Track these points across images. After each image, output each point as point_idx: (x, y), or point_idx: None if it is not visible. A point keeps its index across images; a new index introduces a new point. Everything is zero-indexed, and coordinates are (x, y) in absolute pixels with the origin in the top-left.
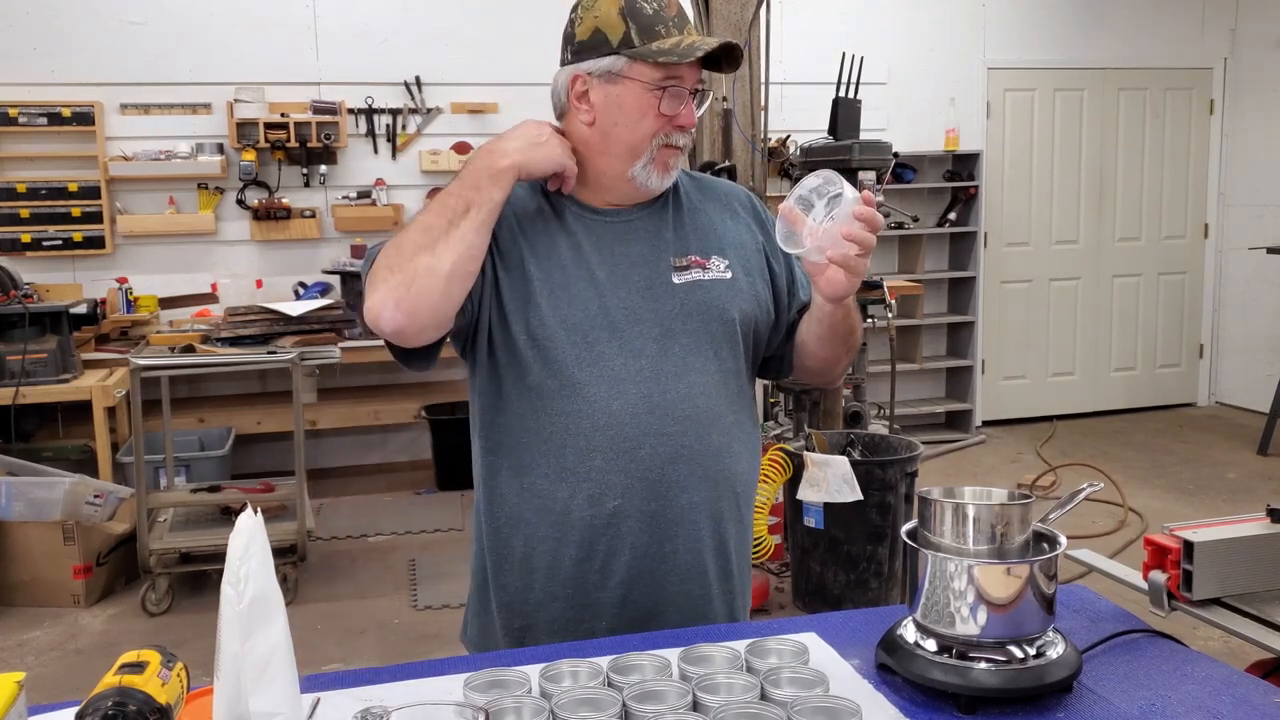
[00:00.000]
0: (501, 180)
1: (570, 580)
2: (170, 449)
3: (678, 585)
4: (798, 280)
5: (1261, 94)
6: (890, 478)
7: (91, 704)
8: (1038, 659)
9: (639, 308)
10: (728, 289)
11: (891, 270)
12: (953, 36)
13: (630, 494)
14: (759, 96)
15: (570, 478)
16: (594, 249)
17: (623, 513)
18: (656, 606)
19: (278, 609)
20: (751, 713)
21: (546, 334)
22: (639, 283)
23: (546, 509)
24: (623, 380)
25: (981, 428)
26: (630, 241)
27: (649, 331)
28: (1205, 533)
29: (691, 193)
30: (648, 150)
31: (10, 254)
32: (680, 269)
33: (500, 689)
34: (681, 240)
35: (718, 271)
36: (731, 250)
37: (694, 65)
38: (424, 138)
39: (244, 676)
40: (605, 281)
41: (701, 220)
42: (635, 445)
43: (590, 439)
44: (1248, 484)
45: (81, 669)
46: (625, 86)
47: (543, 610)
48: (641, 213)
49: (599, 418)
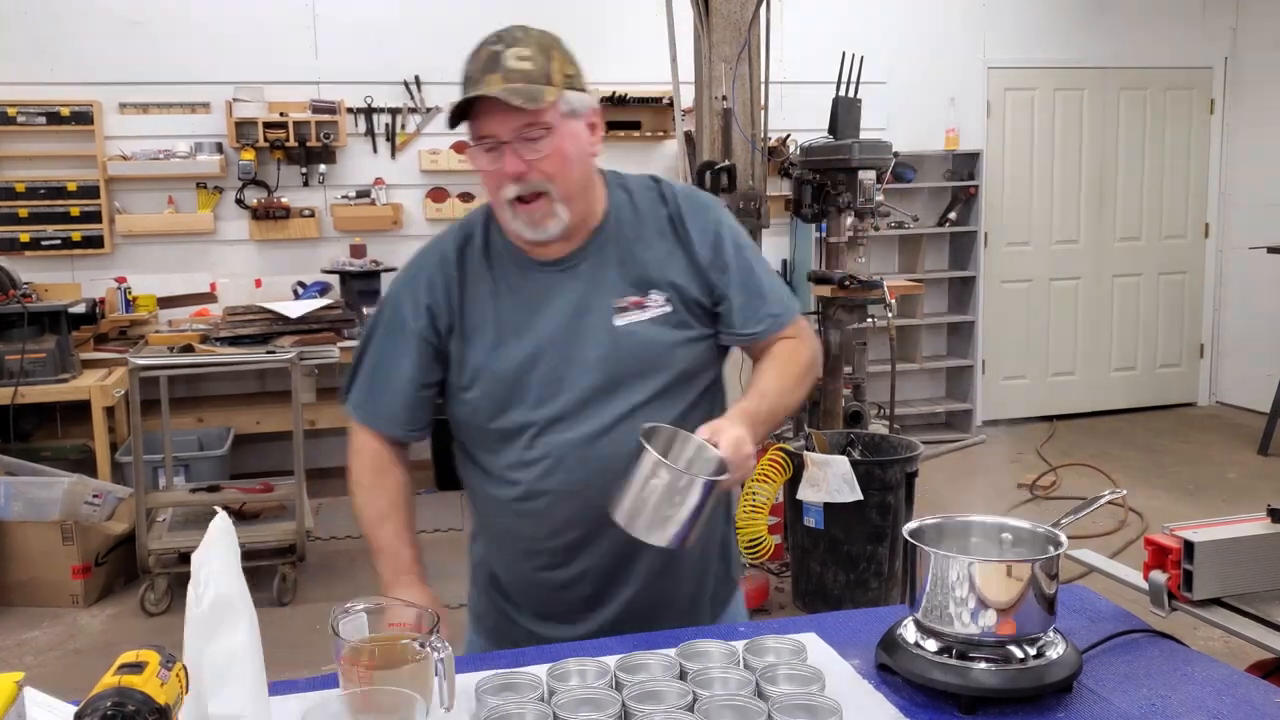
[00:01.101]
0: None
1: (546, 592)
2: (169, 449)
3: (646, 592)
4: (734, 313)
5: (1261, 94)
6: (890, 478)
7: (90, 704)
8: (1038, 659)
9: (583, 357)
10: (667, 324)
11: (892, 270)
12: (953, 36)
13: (585, 522)
14: (759, 96)
15: (529, 516)
16: (540, 302)
17: (584, 540)
18: (647, 616)
19: (243, 612)
20: (735, 705)
21: (498, 391)
22: (582, 332)
23: (514, 538)
24: (569, 428)
25: (982, 427)
26: (571, 291)
27: (594, 380)
28: (1205, 533)
29: (628, 222)
30: (504, 206)
31: (9, 253)
32: (620, 310)
33: (511, 691)
34: (621, 279)
35: (656, 307)
36: (668, 281)
37: (498, 115)
38: (423, 137)
39: (205, 678)
40: (549, 333)
41: (639, 252)
42: (585, 484)
43: (543, 482)
44: (1248, 484)
45: (80, 669)
46: (469, 151)
47: (525, 597)
48: (585, 255)
49: (550, 464)
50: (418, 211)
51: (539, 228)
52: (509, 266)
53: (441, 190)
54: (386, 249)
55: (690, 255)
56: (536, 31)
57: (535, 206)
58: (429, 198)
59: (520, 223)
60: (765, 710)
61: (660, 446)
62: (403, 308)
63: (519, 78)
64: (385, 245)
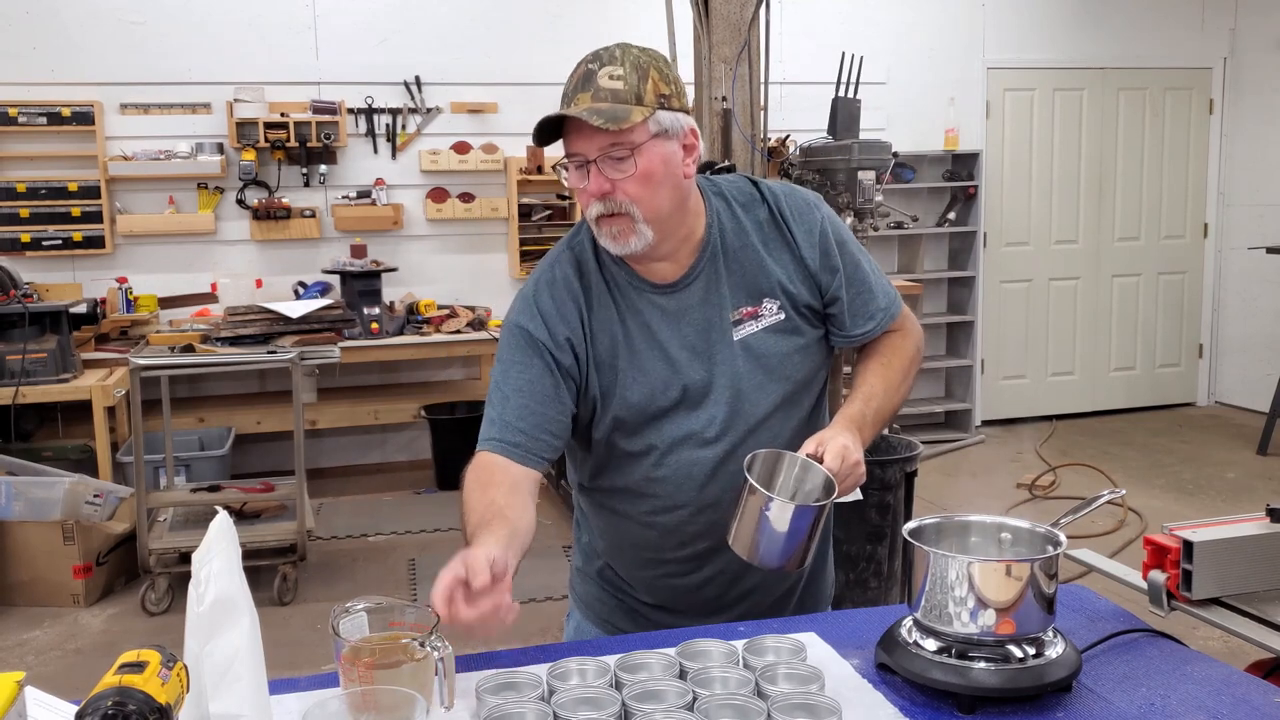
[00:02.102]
0: None
1: (673, 594)
2: (170, 449)
3: (763, 590)
4: (845, 313)
5: (1261, 94)
6: (890, 478)
7: (91, 704)
8: (1038, 659)
9: (709, 374)
10: (782, 331)
11: (891, 270)
12: (952, 36)
13: (714, 537)
14: (759, 96)
15: (659, 528)
16: (662, 326)
17: (711, 549)
18: (770, 611)
19: (244, 611)
20: (735, 705)
21: (633, 417)
22: (705, 350)
23: (640, 548)
24: (701, 445)
25: (981, 427)
26: (691, 312)
27: (721, 395)
28: (1205, 532)
29: (731, 233)
30: (593, 223)
31: (10, 254)
32: (737, 323)
33: (511, 690)
34: (734, 292)
35: (770, 315)
36: (779, 286)
37: (585, 133)
38: (424, 137)
39: (205, 678)
40: (677, 357)
41: (747, 262)
42: (716, 500)
43: (675, 498)
44: (1247, 484)
45: (81, 669)
46: (559, 168)
47: (652, 594)
48: (698, 274)
49: (681, 481)
50: (418, 212)
51: (620, 242)
52: (627, 290)
53: (442, 190)
54: (387, 249)
55: (798, 258)
56: (637, 50)
57: (616, 221)
58: (429, 198)
59: (604, 238)
60: (765, 709)
61: (765, 470)
62: (533, 337)
63: (607, 97)
64: (386, 245)
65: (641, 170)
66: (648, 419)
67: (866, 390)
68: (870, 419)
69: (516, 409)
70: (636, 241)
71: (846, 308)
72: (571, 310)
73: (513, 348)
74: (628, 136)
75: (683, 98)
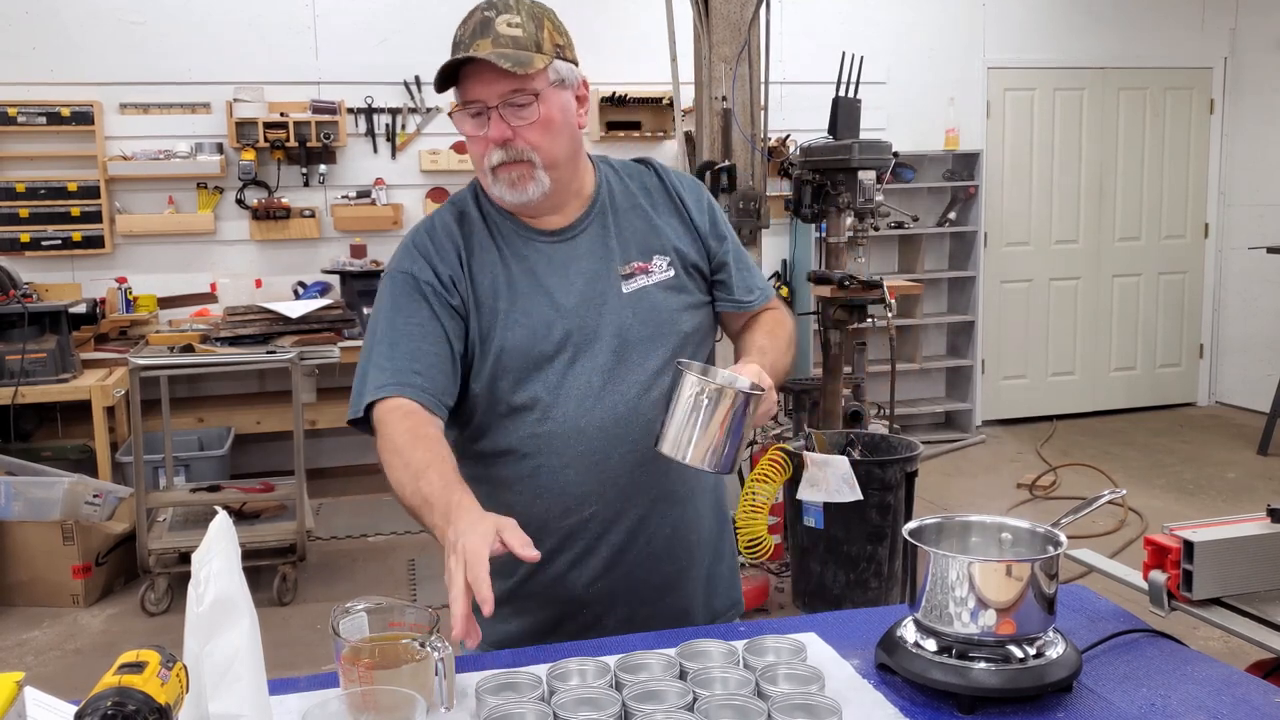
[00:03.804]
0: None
1: (548, 581)
2: (169, 449)
3: (656, 579)
4: (733, 280)
5: (1261, 94)
6: (890, 477)
7: (90, 704)
8: (1038, 659)
9: (596, 323)
10: (672, 288)
11: (891, 270)
12: (952, 36)
13: (603, 501)
14: (759, 96)
15: (545, 494)
16: (548, 271)
17: (596, 517)
18: (634, 601)
19: (244, 612)
20: (735, 705)
21: (514, 363)
22: (593, 298)
23: (523, 522)
24: (587, 397)
25: (981, 427)
26: (577, 260)
27: (607, 345)
28: (1205, 533)
29: (620, 194)
30: (487, 173)
31: (9, 254)
32: (626, 277)
33: (511, 690)
34: (624, 247)
35: (660, 272)
36: (670, 245)
37: (485, 79)
38: (423, 137)
39: (205, 678)
40: (562, 301)
41: (636, 221)
42: (604, 456)
43: (561, 456)
44: (1248, 484)
45: (81, 669)
46: (455, 116)
47: (529, 602)
48: (585, 226)
49: (569, 436)
50: (418, 212)
51: (518, 189)
52: (511, 236)
53: (442, 190)
54: (387, 249)
55: (687, 222)
56: (529, 0)
57: (515, 168)
58: (429, 198)
59: (501, 186)
60: (765, 710)
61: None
62: (416, 279)
63: (508, 43)
64: (385, 245)
65: (543, 117)
66: (530, 365)
67: (758, 345)
68: (768, 367)
69: (407, 353)
70: (534, 189)
71: (734, 275)
72: (450, 251)
73: (395, 295)
74: (530, 83)
75: (573, 50)
